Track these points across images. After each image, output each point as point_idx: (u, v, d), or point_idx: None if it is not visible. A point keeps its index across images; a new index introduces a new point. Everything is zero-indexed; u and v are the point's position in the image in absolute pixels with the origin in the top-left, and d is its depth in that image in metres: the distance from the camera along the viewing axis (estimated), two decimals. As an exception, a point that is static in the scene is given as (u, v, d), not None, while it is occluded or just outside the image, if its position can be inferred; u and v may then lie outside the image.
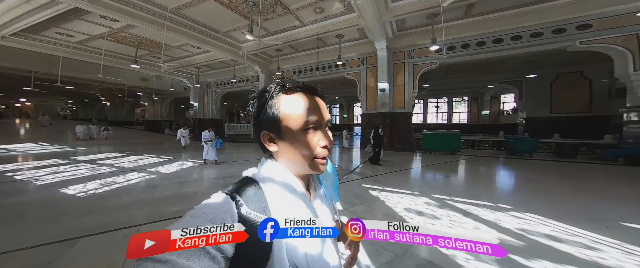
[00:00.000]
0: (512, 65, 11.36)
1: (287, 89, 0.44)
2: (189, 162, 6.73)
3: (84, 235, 2.13)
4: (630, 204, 3.25)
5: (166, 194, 3.55)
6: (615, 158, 6.35)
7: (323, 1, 7.48)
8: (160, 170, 5.40)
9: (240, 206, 0.38)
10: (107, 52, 11.25)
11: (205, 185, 4.24)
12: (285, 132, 0.43)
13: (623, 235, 2.33)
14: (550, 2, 6.73)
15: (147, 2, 6.65)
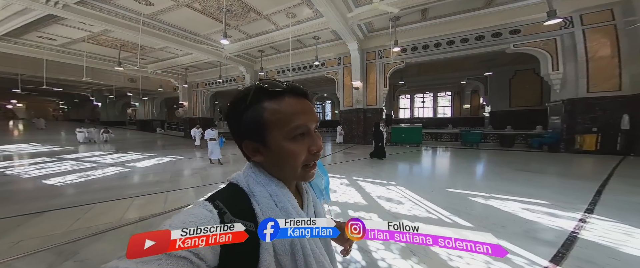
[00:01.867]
0: (472, 64, 11.95)
1: (270, 92, 0.38)
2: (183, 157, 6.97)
3: (49, 210, 2.60)
4: (482, 178, 4.03)
5: (131, 181, 4.00)
6: (540, 146, 7.04)
7: (294, 7, 7.68)
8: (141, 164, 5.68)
9: (223, 214, 0.34)
10: (91, 54, 11.13)
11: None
12: (270, 141, 0.38)
13: (434, 196, 3.02)
14: (489, 8, 7.19)
15: (121, 8, 6.72)
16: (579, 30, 6.19)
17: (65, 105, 29.40)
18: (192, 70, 15.42)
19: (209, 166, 5.56)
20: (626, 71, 5.61)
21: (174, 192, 3.42)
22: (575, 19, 6.27)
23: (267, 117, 0.37)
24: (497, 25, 7.34)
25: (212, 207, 0.35)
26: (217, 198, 0.36)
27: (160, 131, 18.99)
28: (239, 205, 0.37)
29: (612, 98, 5.80)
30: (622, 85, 5.67)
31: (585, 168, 4.77)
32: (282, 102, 0.38)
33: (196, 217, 0.32)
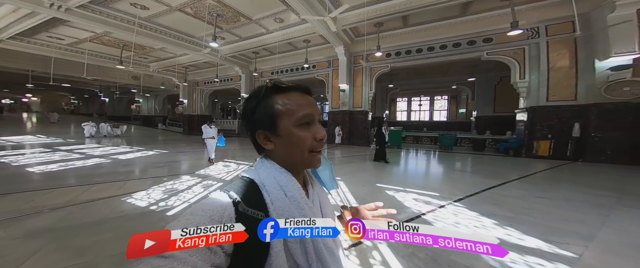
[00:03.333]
0: (458, 69, 12.10)
1: (280, 88, 0.43)
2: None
3: (14, 192, 2.96)
4: (414, 176, 4.31)
5: (102, 171, 4.33)
6: (506, 151, 7.25)
7: (280, 13, 8.01)
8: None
9: (237, 204, 0.36)
10: (96, 52, 11.71)
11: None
12: (281, 129, 0.41)
13: (360, 188, 3.32)
14: (464, 17, 7.39)
15: (118, 11, 7.18)
16: (544, 41, 6.39)
17: (76, 100, 30.44)
18: (191, 69, 15.93)
19: (180, 160, 5.57)
20: (581, 82, 5.80)
21: (133, 181, 3.62)
22: (541, 30, 6.46)
23: (278, 108, 0.41)
24: (472, 34, 7.55)
25: (227, 197, 0.37)
26: (231, 189, 0.39)
27: (162, 127, 19.61)
28: (251, 195, 0.39)
29: (568, 107, 5.99)
30: (577, 95, 5.86)
31: (516, 170, 4.88)
32: (290, 96, 0.42)
33: (213, 205, 0.34)
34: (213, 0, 6.96)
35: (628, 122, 5.15)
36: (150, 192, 3.08)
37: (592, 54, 5.54)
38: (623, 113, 5.17)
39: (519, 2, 6.12)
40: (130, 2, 6.76)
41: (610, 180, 4.02)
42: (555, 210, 2.61)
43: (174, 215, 2.39)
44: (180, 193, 3.09)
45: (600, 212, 2.55)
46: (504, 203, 2.79)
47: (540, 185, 3.70)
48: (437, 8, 6.58)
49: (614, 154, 5.33)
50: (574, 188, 3.52)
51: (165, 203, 2.70)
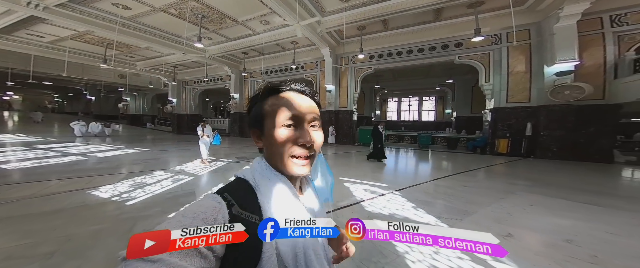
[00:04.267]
0: (437, 71, 12.66)
1: (274, 89, 0.42)
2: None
3: None
4: (377, 171, 4.59)
5: (75, 167, 4.30)
6: (474, 149, 7.80)
7: (265, 15, 8.15)
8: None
9: (231, 206, 0.35)
10: (80, 51, 11.40)
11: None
12: (266, 129, 0.41)
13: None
14: (437, 22, 7.80)
15: (100, 10, 7.11)
16: (505, 47, 6.91)
17: (59, 98, 29.17)
18: (180, 68, 15.73)
19: (153, 158, 5.46)
20: (534, 85, 6.35)
21: (104, 176, 3.64)
22: (503, 36, 6.98)
23: (266, 108, 0.41)
24: (445, 38, 7.98)
25: (221, 198, 0.35)
26: (225, 191, 0.37)
27: (150, 126, 19.24)
28: (246, 198, 0.38)
29: (523, 108, 6.54)
30: (531, 98, 6.41)
31: (468, 165, 5.34)
32: (282, 97, 0.41)
33: (206, 208, 0.33)
34: (197, 2, 7.03)
35: (570, 122, 5.72)
36: (118, 186, 3.16)
37: (542, 60, 6.09)
38: (566, 114, 5.74)
39: (483, 10, 6.58)
40: (112, 2, 6.73)
41: (538, 173, 4.50)
42: (468, 195, 3.03)
43: (133, 205, 2.49)
44: (147, 186, 3.18)
45: (499, 197, 2.99)
46: (433, 192, 3.18)
47: (476, 178, 4.14)
48: (413, 13, 6.89)
49: (559, 151, 5.90)
50: (500, 179, 3.98)
51: (128, 195, 2.79)
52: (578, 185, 3.59)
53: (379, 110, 24.24)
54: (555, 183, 3.75)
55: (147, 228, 1.38)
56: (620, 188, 3.55)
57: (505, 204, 2.72)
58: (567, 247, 1.78)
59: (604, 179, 4.10)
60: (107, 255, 1.57)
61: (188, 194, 2.94)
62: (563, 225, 2.20)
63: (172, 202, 2.64)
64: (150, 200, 2.70)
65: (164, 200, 2.71)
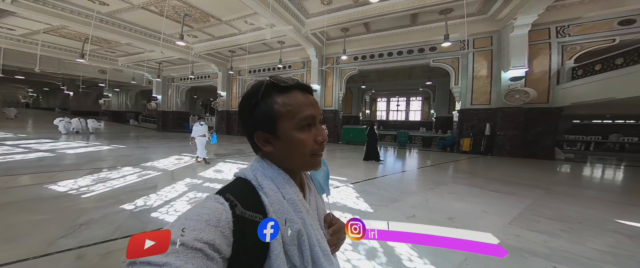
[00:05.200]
0: (418, 73, 13.23)
1: (280, 87, 0.40)
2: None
3: None
4: (344, 166, 4.91)
5: (41, 163, 4.21)
6: (444, 147, 8.39)
7: (249, 16, 8.16)
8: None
9: (234, 206, 0.34)
10: (55, 45, 10.84)
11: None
12: (281, 131, 0.39)
13: None
14: (414, 26, 8.17)
15: (75, 5, 6.87)
16: (471, 53, 7.45)
17: (34, 93, 27.30)
18: (166, 64, 15.29)
19: (130, 155, 5.34)
20: (494, 89, 6.95)
21: (68, 172, 3.60)
22: (469, 42, 7.51)
23: (278, 108, 0.38)
24: (421, 42, 8.39)
25: (223, 199, 0.35)
26: (227, 191, 0.37)
27: (134, 123, 18.60)
28: (249, 198, 0.37)
29: (484, 110, 7.12)
30: (491, 100, 7.02)
31: (429, 161, 5.87)
32: (291, 96, 0.39)
33: (209, 209, 0.32)
34: (178, 1, 6.97)
35: (520, 123, 6.37)
36: (78, 181, 3.14)
37: (500, 66, 6.68)
38: (517, 116, 6.37)
39: (453, 17, 7.04)
40: (88, -3, 6.55)
41: (480, 168, 5.01)
42: (406, 187, 3.42)
43: (88, 197, 2.53)
44: (110, 181, 3.19)
45: (430, 187, 3.41)
46: (381, 184, 3.52)
47: (425, 172, 4.57)
48: (391, 17, 7.20)
49: (512, 149, 6.55)
50: (445, 174, 4.43)
51: (87, 189, 2.82)
52: (500, 177, 4.13)
53: (369, 109, 24.79)
54: (484, 175, 4.29)
55: (93, 218, 1.67)
56: (531, 179, 4.04)
57: (430, 193, 3.12)
58: (443, 222, 2.21)
59: (527, 173, 4.65)
60: (43, 240, 1.63)
61: (149, 188, 2.98)
62: (456, 207, 2.64)
63: (129, 194, 2.69)
64: (108, 193, 2.74)
65: (121, 193, 2.75)
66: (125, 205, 2.38)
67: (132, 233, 1.63)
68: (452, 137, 8.24)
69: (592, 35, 5.69)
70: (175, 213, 2.25)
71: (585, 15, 5.55)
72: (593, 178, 4.56)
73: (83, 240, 1.68)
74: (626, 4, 5.09)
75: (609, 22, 5.43)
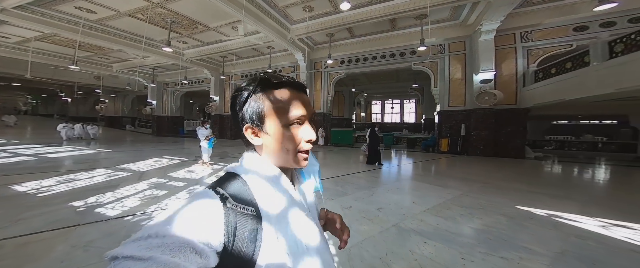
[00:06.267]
0: (405, 76, 13.43)
1: (273, 83, 0.39)
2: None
3: None
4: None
5: (18, 166, 4.05)
6: (426, 148, 8.49)
7: (236, 22, 8.31)
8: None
9: (225, 200, 0.34)
10: (49, 52, 10.96)
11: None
12: (269, 126, 0.39)
13: None
14: (395, 31, 8.35)
15: (63, 13, 7.00)
16: (447, 56, 7.63)
17: (33, 100, 27.31)
18: (160, 70, 15.43)
19: (107, 154, 5.51)
20: (468, 91, 7.10)
21: (39, 173, 3.62)
22: (446, 46, 7.69)
23: (269, 105, 0.38)
24: (402, 46, 8.56)
25: (214, 193, 0.34)
26: (217, 185, 0.36)
27: (130, 128, 18.60)
28: (239, 191, 0.37)
29: (460, 111, 7.27)
30: (466, 102, 7.16)
31: (398, 161, 6.02)
32: (282, 93, 0.39)
33: (199, 202, 0.32)
34: (164, 9, 7.12)
35: (492, 124, 6.49)
36: (44, 182, 3.15)
37: (472, 69, 6.84)
38: (489, 117, 6.50)
39: (428, 22, 7.23)
40: (75, 5, 6.67)
41: (446, 166, 5.13)
42: (362, 183, 3.53)
43: (43, 196, 2.53)
44: (76, 181, 3.20)
45: (383, 183, 3.56)
46: (342, 181, 3.61)
47: (393, 170, 4.66)
48: (372, 23, 7.30)
49: (484, 149, 6.65)
50: (408, 171, 4.57)
51: (47, 189, 2.83)
52: (455, 174, 4.27)
53: (364, 112, 24.95)
54: (444, 173, 4.44)
55: (35, 214, 1.76)
56: (481, 175, 4.18)
57: (380, 188, 3.22)
58: (373, 212, 2.32)
59: (484, 170, 4.77)
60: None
61: (110, 187, 3.02)
62: (392, 199, 2.76)
63: (87, 193, 2.69)
64: (65, 192, 2.75)
65: (79, 192, 2.76)
66: (75, 202, 2.42)
67: (64, 227, 1.77)
68: (433, 138, 8.35)
69: (552, 40, 5.89)
70: (121, 209, 2.29)
71: (544, 22, 5.76)
72: (535, 173, 4.64)
73: (10, 232, 1.72)
74: (579, 12, 5.31)
75: (566, 28, 5.64)
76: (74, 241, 1.63)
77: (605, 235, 1.99)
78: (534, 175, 4.42)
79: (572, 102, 4.67)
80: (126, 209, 2.28)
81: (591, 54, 4.06)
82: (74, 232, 1.77)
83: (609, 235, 1.99)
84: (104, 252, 1.28)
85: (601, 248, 1.76)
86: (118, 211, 2.24)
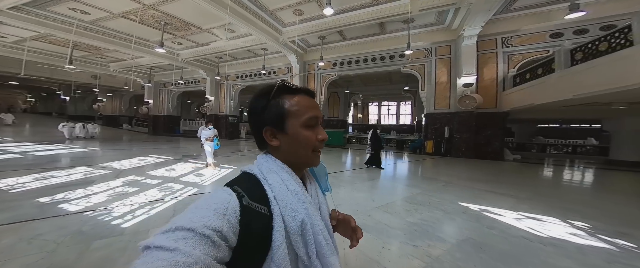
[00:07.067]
0: (397, 78, 13.54)
1: (290, 89, 0.44)
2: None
3: None
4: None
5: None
6: (414, 149, 8.60)
7: (229, 24, 8.42)
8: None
9: (241, 197, 0.36)
10: (46, 51, 11.08)
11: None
12: (289, 128, 0.42)
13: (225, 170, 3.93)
14: (384, 35, 8.46)
15: (57, 14, 7.12)
16: (434, 60, 7.75)
17: (32, 98, 27.43)
18: (157, 70, 15.56)
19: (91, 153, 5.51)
20: (452, 94, 7.22)
21: (19, 170, 3.67)
22: (433, 50, 7.82)
23: (288, 108, 0.42)
24: (391, 49, 8.68)
25: (231, 191, 0.36)
26: (235, 184, 0.39)
27: (127, 127, 18.70)
28: (254, 190, 0.39)
29: (444, 114, 7.37)
30: (450, 105, 7.27)
31: (382, 161, 5.91)
32: (299, 98, 0.44)
33: (218, 199, 0.34)
34: (156, 11, 7.24)
35: (473, 126, 6.60)
36: (21, 179, 3.20)
37: (457, 73, 6.96)
38: (470, 119, 6.62)
39: (416, 25, 7.35)
40: (69, 7, 6.79)
41: (422, 167, 5.28)
42: (336, 182, 3.64)
43: (14, 192, 2.59)
44: (53, 178, 3.23)
45: (354, 183, 3.68)
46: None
47: (372, 171, 4.78)
48: (361, 26, 7.39)
49: (466, 151, 6.76)
50: (386, 170, 4.70)
51: (21, 186, 2.88)
52: (426, 174, 4.49)
53: (361, 114, 25.01)
54: (418, 173, 4.63)
55: (3, 209, 2.10)
56: (449, 176, 4.33)
57: (348, 187, 3.34)
58: (331, 207, 2.49)
59: (456, 170, 4.92)
60: None
61: (83, 184, 3.06)
62: (353, 197, 2.87)
63: (58, 190, 2.74)
64: (38, 189, 2.80)
65: (51, 188, 2.81)
66: (43, 198, 2.48)
67: (20, 221, 1.84)
68: (420, 140, 8.46)
69: (530, 46, 6.02)
70: (85, 205, 2.35)
71: (523, 28, 5.89)
72: (502, 174, 4.74)
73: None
74: (554, 19, 5.44)
75: (543, 35, 5.78)
76: (24, 234, 1.69)
77: (512, 225, 2.15)
78: (499, 175, 4.54)
79: (541, 106, 4.80)
80: (89, 205, 2.34)
81: (556, 61, 4.19)
82: (27, 226, 1.82)
83: (514, 226, 2.14)
84: (48, 245, 1.39)
85: (498, 236, 1.91)
86: (80, 207, 2.29)
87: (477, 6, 4.94)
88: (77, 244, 1.60)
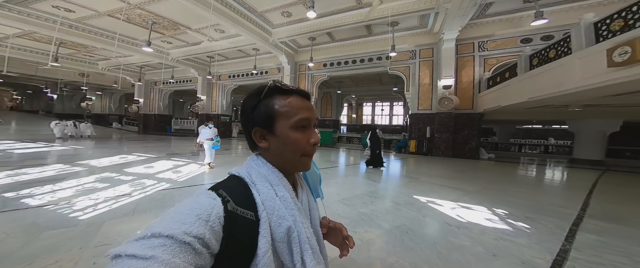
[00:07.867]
0: (387, 79, 13.78)
1: (282, 90, 0.42)
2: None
3: None
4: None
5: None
6: (400, 149, 8.85)
7: (217, 25, 8.46)
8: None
9: (226, 202, 0.34)
10: (31, 48, 10.85)
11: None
12: (277, 129, 0.40)
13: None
14: (371, 37, 8.64)
15: (41, 12, 7.03)
16: (418, 62, 8.00)
17: (18, 96, 26.61)
18: (148, 68, 15.39)
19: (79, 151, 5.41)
20: (434, 95, 7.49)
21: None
22: (417, 53, 8.06)
23: (278, 109, 0.40)
24: (378, 51, 8.87)
25: (215, 195, 0.34)
26: (220, 187, 0.37)
27: (117, 126, 18.41)
28: (241, 194, 0.37)
29: (427, 115, 7.63)
30: (432, 106, 7.54)
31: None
32: (290, 99, 0.41)
33: (200, 204, 0.32)
34: (143, 10, 7.23)
35: (451, 127, 6.88)
36: None
37: (437, 75, 7.23)
38: (449, 120, 6.90)
39: (400, 28, 7.57)
40: (52, 5, 6.73)
41: (399, 165, 5.47)
42: (325, 176, 3.78)
43: None
44: (23, 175, 3.22)
45: (333, 179, 3.82)
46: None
47: (352, 169, 4.95)
48: (349, 28, 7.54)
49: (446, 150, 7.04)
50: (366, 169, 4.87)
51: None
52: (399, 172, 4.64)
53: (355, 114, 25.24)
54: (390, 170, 4.80)
55: None
56: (418, 173, 4.53)
57: (325, 183, 3.44)
58: None
59: (426, 168, 5.16)
60: None
61: (54, 180, 3.05)
62: (325, 191, 3.00)
63: (25, 185, 2.77)
64: (6, 184, 2.81)
65: (20, 184, 2.83)
66: (8, 193, 2.48)
67: None
68: (405, 140, 8.71)
69: (503, 50, 6.33)
70: (48, 200, 2.35)
71: (497, 33, 6.19)
72: (469, 171, 4.92)
73: None
74: (524, 25, 5.75)
75: (514, 40, 6.09)
76: (-23, 226, 1.65)
77: (444, 213, 2.33)
78: (466, 172, 4.72)
79: (507, 108, 5.08)
80: (53, 200, 2.32)
81: (518, 66, 4.46)
82: (-20, 219, 1.78)
83: (446, 213, 2.32)
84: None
85: (426, 222, 2.09)
86: (43, 201, 2.28)
87: (452, 11, 5.17)
88: (26, 235, 1.61)
